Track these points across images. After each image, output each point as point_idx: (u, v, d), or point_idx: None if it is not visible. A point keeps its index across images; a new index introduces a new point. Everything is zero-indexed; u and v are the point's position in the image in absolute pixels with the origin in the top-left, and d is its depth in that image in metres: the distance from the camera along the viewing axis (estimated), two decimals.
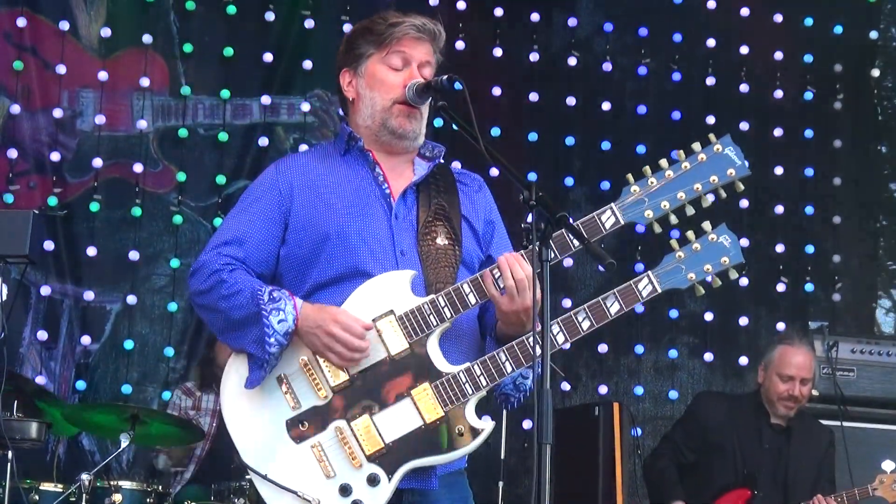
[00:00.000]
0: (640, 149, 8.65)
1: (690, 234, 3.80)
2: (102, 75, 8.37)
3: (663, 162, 3.78)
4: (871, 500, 6.82)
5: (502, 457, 7.32)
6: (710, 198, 3.80)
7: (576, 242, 3.68)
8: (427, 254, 3.82)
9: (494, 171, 5.01)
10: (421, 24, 3.92)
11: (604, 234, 3.76)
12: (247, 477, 6.40)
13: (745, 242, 3.88)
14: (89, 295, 8.19)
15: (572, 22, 8.91)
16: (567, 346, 3.78)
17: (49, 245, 8.01)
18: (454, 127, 3.72)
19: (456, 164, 7.54)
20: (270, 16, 8.60)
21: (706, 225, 3.81)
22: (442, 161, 4.01)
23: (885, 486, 6.67)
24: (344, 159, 3.95)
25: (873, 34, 9.16)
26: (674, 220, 3.78)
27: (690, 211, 3.78)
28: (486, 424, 3.72)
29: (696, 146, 3.80)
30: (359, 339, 3.68)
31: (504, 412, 6.80)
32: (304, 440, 3.72)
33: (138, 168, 8.35)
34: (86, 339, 8.17)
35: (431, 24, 3.95)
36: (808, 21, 9.01)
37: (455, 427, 3.70)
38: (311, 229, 3.82)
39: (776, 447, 6.94)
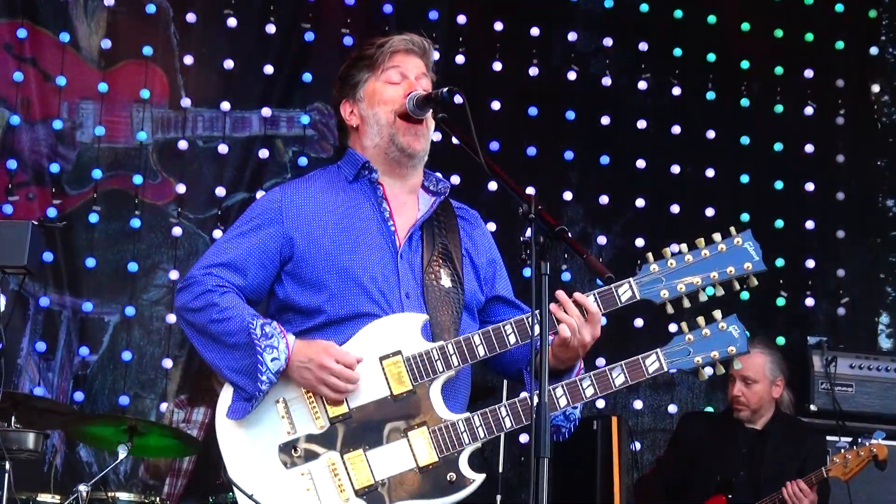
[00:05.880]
0: (640, 163, 8.64)
1: (701, 320, 3.92)
2: (102, 87, 8.36)
3: (683, 247, 3.90)
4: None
5: (500, 470, 7.29)
6: (721, 291, 3.91)
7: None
8: (431, 295, 3.82)
9: (493, 185, 5.01)
10: (409, 37, 3.94)
11: (619, 306, 3.85)
12: (231, 496, 6.39)
13: None
14: (88, 306, 8.18)
15: (572, 37, 8.90)
16: (569, 409, 3.83)
17: (48, 256, 7.99)
18: (454, 140, 3.72)
19: (455, 179, 7.56)
20: (271, 28, 8.59)
21: (717, 313, 3.93)
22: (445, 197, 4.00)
23: (837, 466, 6.64)
24: (351, 187, 3.93)
25: (873, 49, 9.18)
26: (686, 304, 3.90)
27: (703, 297, 3.92)
28: (478, 476, 3.73)
29: (717, 237, 3.91)
30: (352, 370, 3.69)
31: None
32: (294, 466, 3.72)
33: (138, 180, 8.33)
34: (84, 351, 8.15)
35: (419, 38, 3.97)
36: (809, 36, 9.02)
37: (447, 474, 3.71)
38: (320, 269, 3.80)
39: (751, 449, 6.93)
